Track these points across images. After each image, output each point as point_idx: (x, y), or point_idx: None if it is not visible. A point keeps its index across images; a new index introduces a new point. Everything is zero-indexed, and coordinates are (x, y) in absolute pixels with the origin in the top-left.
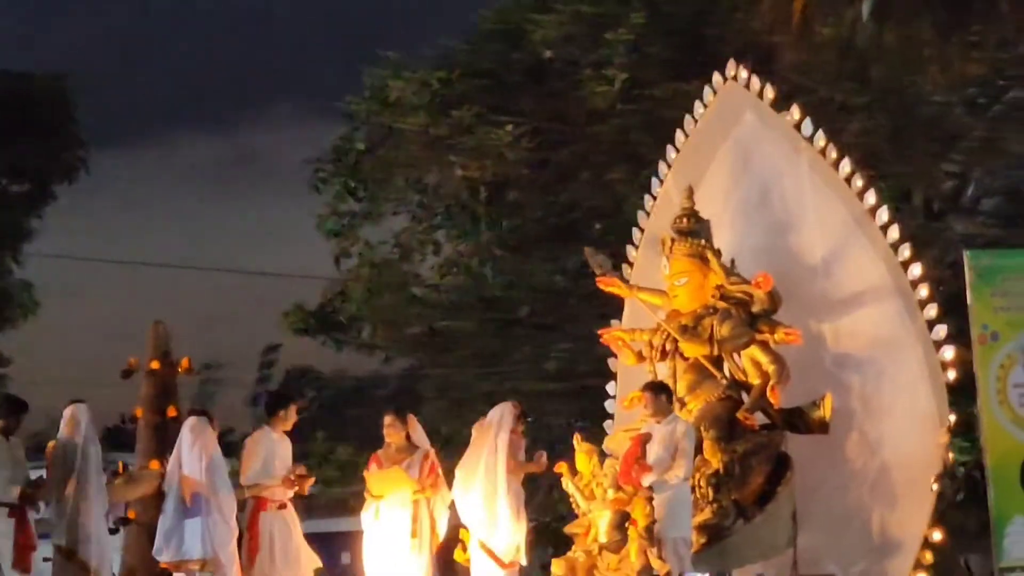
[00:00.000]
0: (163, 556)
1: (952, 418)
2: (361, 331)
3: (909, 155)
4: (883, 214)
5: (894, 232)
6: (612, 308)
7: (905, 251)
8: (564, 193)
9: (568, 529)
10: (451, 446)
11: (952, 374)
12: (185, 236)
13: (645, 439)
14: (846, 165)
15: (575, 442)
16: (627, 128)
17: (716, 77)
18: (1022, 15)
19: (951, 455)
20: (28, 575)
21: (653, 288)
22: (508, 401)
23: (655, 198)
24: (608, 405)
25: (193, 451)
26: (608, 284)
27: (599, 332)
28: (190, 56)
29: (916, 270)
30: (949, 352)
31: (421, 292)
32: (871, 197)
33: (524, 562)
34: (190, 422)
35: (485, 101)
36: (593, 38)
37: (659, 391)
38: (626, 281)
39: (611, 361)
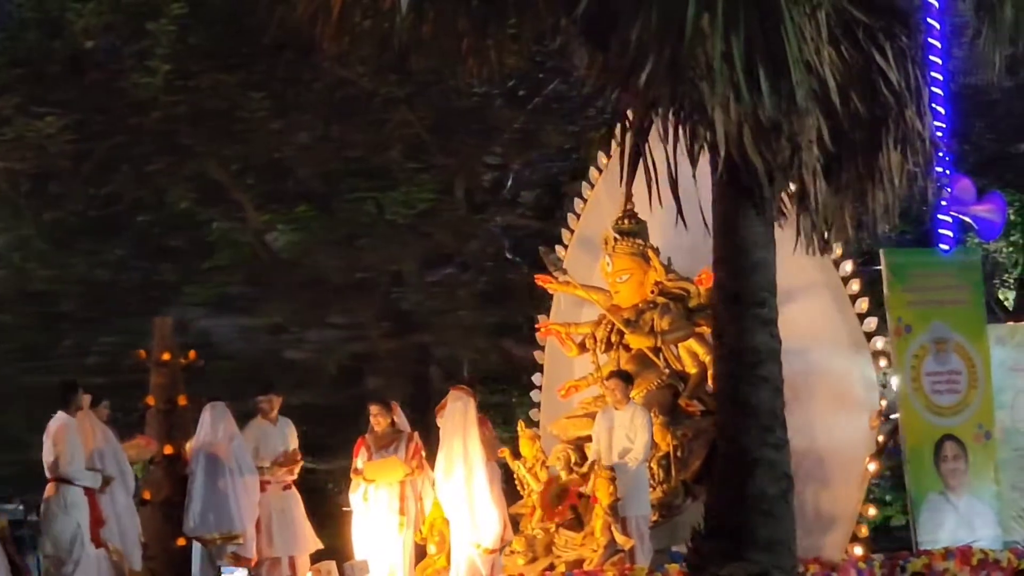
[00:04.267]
0: (195, 531)
1: (884, 403)
2: None
3: (451, 147)
4: None
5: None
6: (152, 302)
7: (836, 249)
8: (106, 185)
9: (513, 510)
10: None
11: (883, 362)
12: None
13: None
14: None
15: (519, 428)
16: (170, 119)
17: None
18: (557, 7)
19: (881, 437)
20: (100, 549)
21: (591, 285)
22: (457, 387)
23: (585, 201)
24: (534, 395)
25: (218, 432)
26: (546, 281)
27: (538, 327)
28: None
29: (847, 267)
30: (880, 342)
31: None
32: None
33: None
34: (214, 406)
35: (24, 92)
36: (135, 28)
37: (628, 380)
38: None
39: (537, 353)
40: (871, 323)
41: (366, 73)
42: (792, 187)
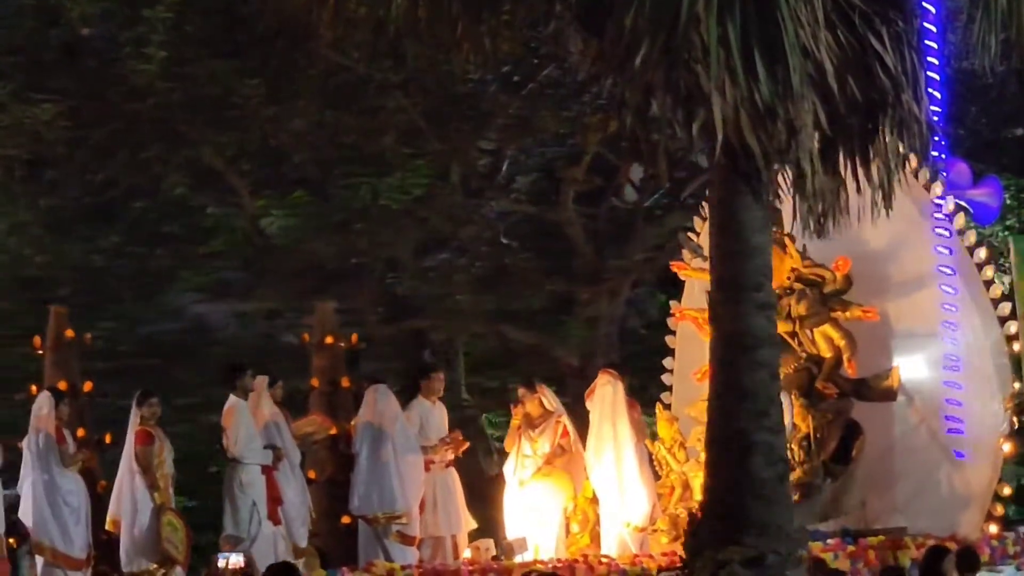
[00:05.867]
0: (359, 510)
1: (1016, 385)
2: None
3: (446, 133)
4: (949, 204)
5: (960, 220)
6: (147, 288)
7: (971, 237)
8: (102, 172)
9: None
10: None
11: (1016, 346)
12: None
13: None
14: (912, 161)
15: (657, 411)
16: (166, 106)
17: None
18: None
19: (1015, 418)
20: (278, 526)
21: None
22: (606, 371)
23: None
24: (665, 378)
25: (382, 413)
26: (680, 268)
27: (672, 312)
28: None
29: (981, 254)
30: (1013, 327)
31: None
32: (937, 188)
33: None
34: (377, 387)
35: (20, 78)
36: (131, 15)
37: None
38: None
39: (668, 338)
40: (1004, 308)
41: (361, 59)
42: (789, 171)
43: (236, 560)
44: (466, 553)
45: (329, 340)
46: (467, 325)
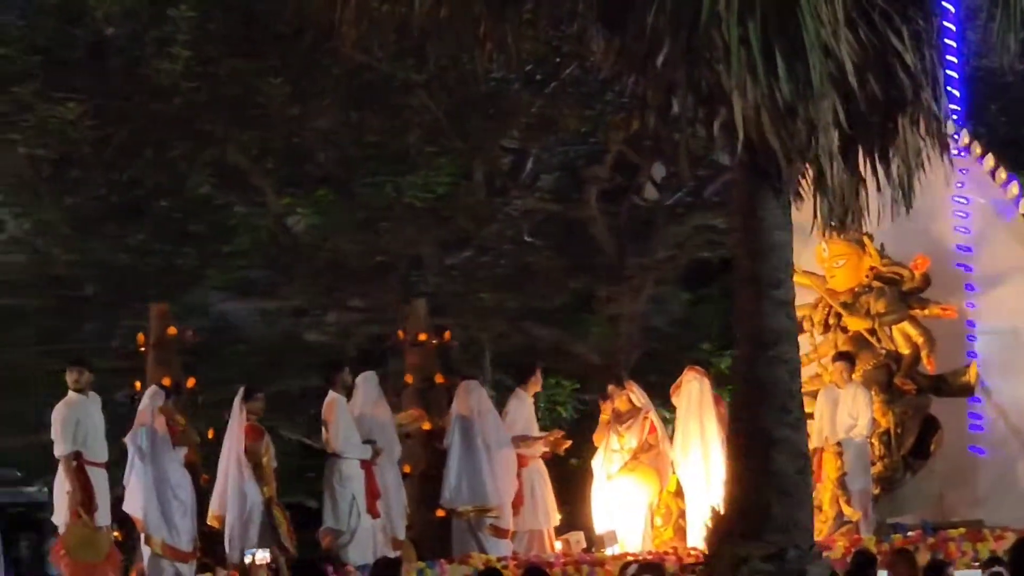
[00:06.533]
0: (450, 503)
1: None
2: None
3: (469, 131)
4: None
5: None
6: (173, 286)
7: None
8: (127, 171)
9: None
10: (24, 421)
11: None
12: None
13: None
14: (990, 159)
15: (724, 406)
16: (190, 105)
17: None
18: None
19: None
20: (377, 519)
21: (806, 270)
22: (692, 368)
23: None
24: None
25: (473, 408)
26: None
27: None
28: None
29: None
30: None
31: None
32: (1014, 188)
33: None
34: (468, 384)
35: (45, 78)
36: (155, 15)
37: (852, 361)
38: None
39: None
40: None
41: (384, 58)
42: (809, 169)
43: (262, 556)
44: (557, 546)
45: (422, 337)
46: (490, 323)
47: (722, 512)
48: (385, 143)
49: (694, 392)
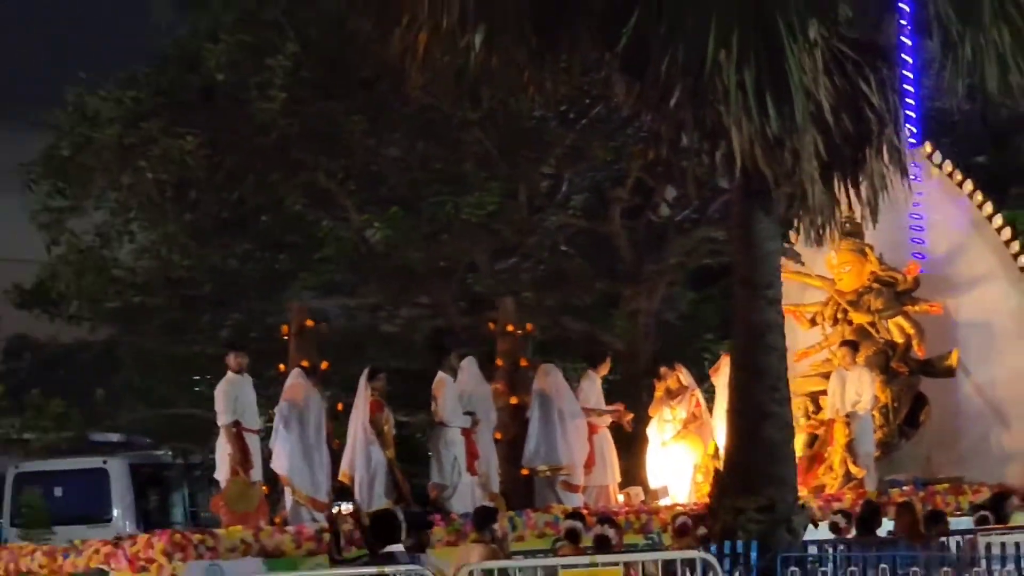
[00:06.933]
0: (529, 463)
1: None
2: (70, 306)
3: (514, 160)
4: (997, 219)
5: (1007, 232)
6: (272, 286)
7: (1015, 246)
8: (234, 192)
9: None
10: (154, 396)
11: None
12: None
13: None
14: (968, 184)
15: None
16: (286, 139)
17: None
18: (601, 46)
19: None
20: (475, 477)
21: (817, 274)
22: (727, 353)
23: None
24: None
25: (550, 386)
26: (789, 273)
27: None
28: None
29: (1022, 260)
30: None
31: (119, 274)
32: (988, 207)
33: None
34: (547, 366)
35: (169, 115)
36: (256, 63)
37: (855, 347)
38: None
39: None
40: None
41: (445, 100)
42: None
43: (347, 507)
44: (619, 498)
45: (510, 328)
46: (532, 317)
47: (722, 472)
48: (445, 169)
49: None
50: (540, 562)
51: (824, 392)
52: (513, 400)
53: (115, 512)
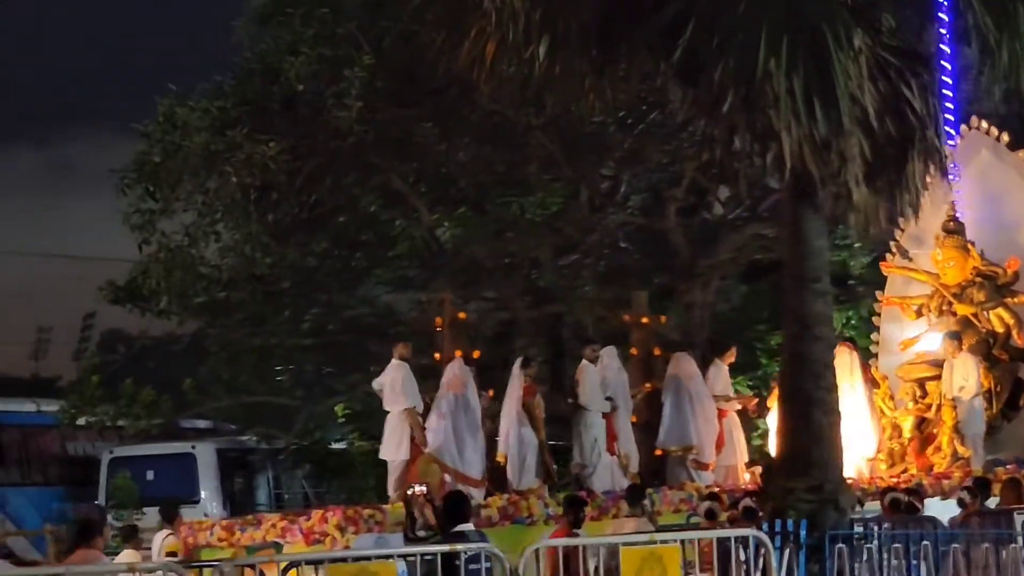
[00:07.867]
0: (662, 444)
1: None
2: (160, 301)
3: (576, 162)
4: None
5: None
6: (349, 281)
7: None
8: (313, 195)
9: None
10: (238, 385)
11: None
12: (16, 228)
13: None
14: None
15: (872, 371)
16: (361, 144)
17: (963, 127)
18: (657, 56)
19: None
20: (614, 456)
21: (923, 269)
22: (843, 344)
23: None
24: (872, 347)
25: (680, 372)
26: (888, 266)
27: (881, 300)
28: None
29: None
30: None
31: (206, 271)
32: None
33: None
34: (680, 355)
35: (252, 124)
36: (334, 75)
37: (959, 338)
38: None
39: (874, 319)
40: None
41: (510, 107)
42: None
43: (420, 489)
44: (746, 476)
45: (645, 320)
46: (593, 310)
47: (773, 455)
48: (511, 171)
49: (845, 362)
50: (603, 540)
51: (929, 378)
52: (647, 387)
53: (203, 494)
